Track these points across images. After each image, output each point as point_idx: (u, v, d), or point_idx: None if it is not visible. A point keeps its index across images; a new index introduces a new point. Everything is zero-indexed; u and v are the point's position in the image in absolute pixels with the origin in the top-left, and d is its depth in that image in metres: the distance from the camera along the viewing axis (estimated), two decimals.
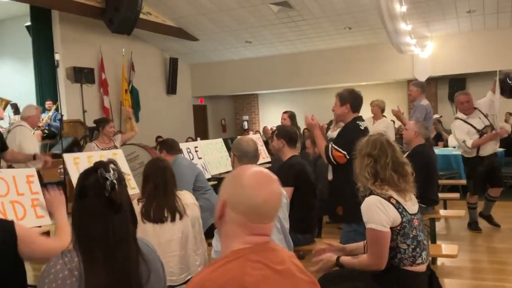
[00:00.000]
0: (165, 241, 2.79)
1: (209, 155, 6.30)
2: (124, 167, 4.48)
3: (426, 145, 4.75)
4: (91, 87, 9.31)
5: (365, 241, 2.54)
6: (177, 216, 2.83)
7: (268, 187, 1.36)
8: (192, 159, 5.84)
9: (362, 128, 3.61)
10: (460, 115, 5.58)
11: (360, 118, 3.70)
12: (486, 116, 5.44)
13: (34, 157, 4.78)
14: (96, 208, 1.36)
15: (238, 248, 1.32)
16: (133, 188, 4.39)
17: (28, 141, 5.26)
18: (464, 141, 5.44)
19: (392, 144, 2.57)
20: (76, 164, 4.04)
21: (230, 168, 5.77)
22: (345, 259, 2.64)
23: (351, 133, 3.48)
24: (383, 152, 2.50)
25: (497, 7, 8.81)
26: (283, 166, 3.99)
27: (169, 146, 4.62)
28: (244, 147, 3.12)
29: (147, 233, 2.77)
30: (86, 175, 1.42)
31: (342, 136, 3.65)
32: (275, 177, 1.41)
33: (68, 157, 4.09)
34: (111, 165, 1.42)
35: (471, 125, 5.43)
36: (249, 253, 1.31)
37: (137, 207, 2.84)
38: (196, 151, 6.11)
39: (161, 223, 2.80)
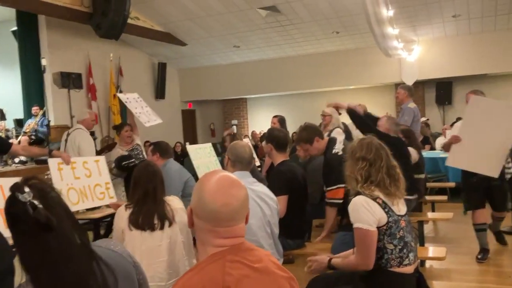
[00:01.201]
0: (154, 247, 2.76)
1: (198, 160, 6.27)
2: (104, 175, 4.46)
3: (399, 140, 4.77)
4: (78, 92, 9.26)
5: (354, 248, 2.56)
6: (167, 223, 2.80)
7: (227, 191, 1.38)
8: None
9: (340, 153, 3.85)
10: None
11: (333, 142, 3.92)
12: None
13: (50, 153, 4.79)
14: (26, 232, 1.27)
15: (216, 252, 1.36)
16: (111, 198, 4.40)
17: (86, 143, 5.66)
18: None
19: (385, 148, 2.61)
20: (60, 170, 4.03)
21: None
22: (336, 261, 2.68)
23: (335, 163, 3.71)
24: (378, 156, 2.53)
25: (481, 12, 8.93)
26: (275, 173, 3.98)
27: (163, 149, 4.57)
28: (240, 153, 3.12)
29: (134, 239, 2.74)
30: (7, 201, 1.32)
31: (327, 173, 3.90)
32: (238, 181, 1.44)
33: (52, 162, 4.07)
34: (28, 183, 1.31)
35: None
36: (227, 255, 1.35)
37: (125, 214, 2.82)
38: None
39: (151, 230, 2.77)
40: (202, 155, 6.47)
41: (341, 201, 3.80)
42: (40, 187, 1.30)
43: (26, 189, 1.26)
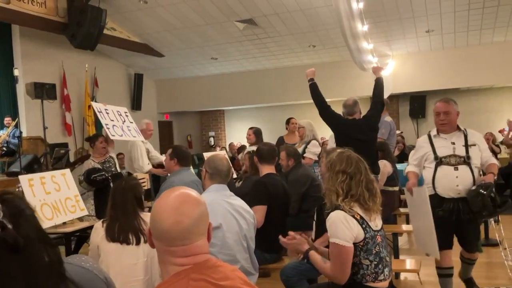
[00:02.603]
0: (129, 265, 2.69)
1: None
2: (72, 188, 4.39)
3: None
4: (52, 103, 9.08)
5: None
6: (142, 238, 2.74)
7: (178, 210, 1.35)
8: None
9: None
10: (433, 130, 3.85)
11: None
12: (468, 145, 3.62)
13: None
14: None
15: (179, 271, 1.32)
16: (83, 210, 4.34)
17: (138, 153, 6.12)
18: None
19: (363, 161, 2.63)
20: (31, 186, 3.94)
21: None
22: (314, 255, 2.68)
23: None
24: (358, 169, 2.55)
25: (454, 27, 9.17)
26: (256, 184, 3.98)
27: (182, 157, 4.21)
28: (218, 165, 3.10)
29: (110, 255, 2.68)
30: None
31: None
32: (193, 198, 1.40)
33: (23, 180, 3.98)
34: (1, 199, 1.24)
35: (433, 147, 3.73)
36: (190, 273, 1.31)
37: (101, 229, 2.77)
38: (120, 114, 5.97)
39: (126, 244, 2.72)
40: None
41: None
42: (14, 205, 1.25)
43: None
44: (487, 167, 3.70)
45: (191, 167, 4.48)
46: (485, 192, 3.43)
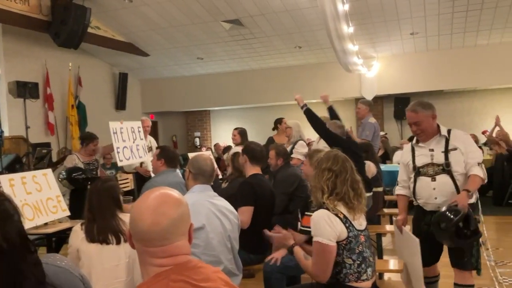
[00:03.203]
0: (111, 267, 2.66)
1: None
2: (54, 188, 4.34)
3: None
4: (35, 102, 8.96)
5: None
6: (122, 238, 2.71)
7: (156, 210, 1.34)
8: None
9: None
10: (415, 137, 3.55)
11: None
12: (448, 150, 3.28)
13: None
14: None
15: (160, 272, 1.31)
16: (64, 210, 4.30)
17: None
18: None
19: (350, 161, 2.65)
20: (12, 186, 3.89)
21: None
22: (298, 251, 2.70)
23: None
24: (344, 168, 2.58)
25: (438, 30, 9.27)
26: (242, 184, 3.97)
27: (170, 158, 4.17)
28: (201, 166, 3.07)
29: (91, 257, 2.65)
30: None
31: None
32: (173, 198, 1.39)
33: (3, 179, 3.92)
34: None
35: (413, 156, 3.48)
36: (171, 274, 1.30)
37: (81, 232, 2.73)
38: (133, 132, 5.90)
39: (106, 244, 2.69)
40: None
41: None
42: (3, 208, 1.24)
43: None
44: (468, 180, 3.20)
45: (178, 168, 4.45)
46: (452, 218, 2.97)
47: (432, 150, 3.33)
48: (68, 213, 4.39)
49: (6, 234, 1.20)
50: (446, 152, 3.27)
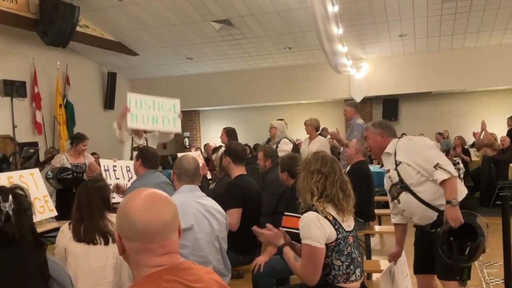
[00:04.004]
0: (98, 267, 2.63)
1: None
2: (41, 188, 4.29)
3: (365, 161, 4.91)
4: (22, 101, 8.87)
5: None
6: (110, 239, 2.68)
7: (154, 206, 1.35)
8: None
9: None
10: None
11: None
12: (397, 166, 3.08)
13: None
14: None
15: (152, 272, 1.31)
16: (51, 211, 4.26)
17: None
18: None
19: (337, 162, 2.65)
20: None
21: None
22: (287, 252, 2.67)
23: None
24: (332, 169, 2.57)
25: (426, 32, 9.34)
26: (229, 186, 3.95)
27: (147, 158, 3.94)
28: (183, 165, 3.06)
29: (78, 258, 2.62)
30: None
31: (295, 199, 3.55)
32: (163, 196, 1.40)
33: None
34: (13, 193, 1.30)
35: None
36: (163, 275, 1.30)
37: (68, 232, 2.70)
38: (128, 170, 5.48)
39: (93, 244, 2.66)
40: None
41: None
42: (21, 201, 1.33)
43: (10, 198, 1.29)
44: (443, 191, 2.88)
45: (161, 168, 4.34)
46: (440, 237, 2.83)
47: (388, 171, 3.17)
48: (55, 213, 4.35)
49: (19, 225, 1.29)
50: (396, 168, 3.08)
